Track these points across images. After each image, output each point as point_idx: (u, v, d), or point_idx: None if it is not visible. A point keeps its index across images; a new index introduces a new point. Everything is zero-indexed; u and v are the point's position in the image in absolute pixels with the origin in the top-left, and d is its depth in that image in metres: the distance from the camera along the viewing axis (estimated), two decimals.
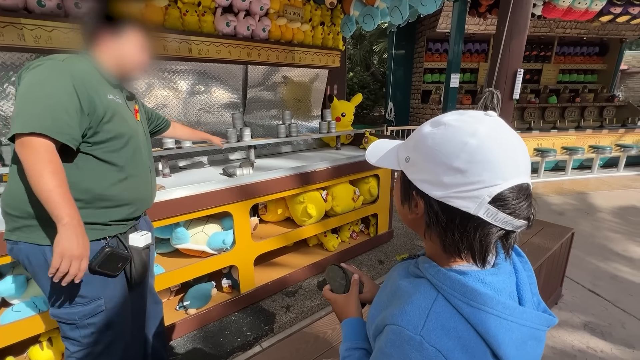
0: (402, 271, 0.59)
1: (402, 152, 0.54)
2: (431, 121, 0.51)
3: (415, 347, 0.44)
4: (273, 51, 2.74)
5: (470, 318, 0.45)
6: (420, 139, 0.50)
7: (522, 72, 2.17)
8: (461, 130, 0.46)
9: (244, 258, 2.09)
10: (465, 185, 0.44)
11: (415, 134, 0.53)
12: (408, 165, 0.52)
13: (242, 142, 2.32)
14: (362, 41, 11.37)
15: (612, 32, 6.91)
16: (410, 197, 0.52)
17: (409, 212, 0.54)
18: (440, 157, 0.46)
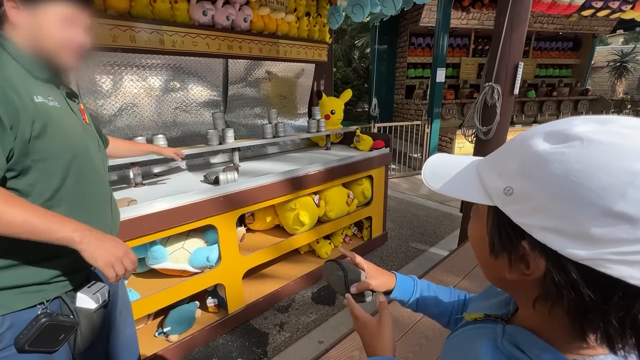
0: (487, 344, 0.40)
1: (495, 178, 0.37)
2: (544, 132, 0.33)
3: None
4: (256, 44, 2.51)
5: None
6: (535, 162, 0.32)
7: (522, 65, 2.07)
8: (622, 149, 0.28)
9: (231, 275, 1.88)
10: (636, 242, 0.27)
11: (515, 151, 0.35)
12: (510, 201, 0.34)
13: (225, 145, 2.09)
14: (343, 36, 11.19)
15: (586, 27, 7.10)
16: (516, 248, 0.34)
17: (509, 270, 0.36)
18: (586, 195, 0.28)
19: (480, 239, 0.40)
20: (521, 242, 0.33)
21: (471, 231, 0.43)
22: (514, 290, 0.40)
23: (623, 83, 14.17)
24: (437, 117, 5.11)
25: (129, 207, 1.41)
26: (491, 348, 0.40)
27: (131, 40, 1.92)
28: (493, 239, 0.38)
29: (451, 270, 1.58)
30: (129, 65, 2.07)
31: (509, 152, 0.37)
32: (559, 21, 6.76)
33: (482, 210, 0.40)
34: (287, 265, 2.47)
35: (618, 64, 13.97)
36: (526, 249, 0.33)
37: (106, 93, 2.00)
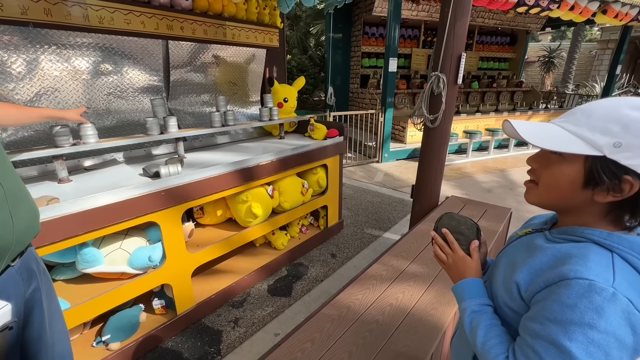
0: (541, 240, 0.61)
1: (599, 137, 0.52)
2: (629, 105, 0.51)
3: (607, 298, 0.48)
4: (200, 25, 2.33)
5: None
6: (634, 124, 0.50)
7: (464, 56, 2.17)
8: None
9: (178, 274, 1.76)
10: None
11: (610, 118, 0.52)
12: (619, 151, 0.50)
13: (167, 134, 1.93)
14: (298, 22, 10.95)
15: (520, 24, 7.71)
16: (617, 180, 0.51)
17: (601, 195, 0.53)
18: None
19: (570, 178, 0.55)
20: (624, 175, 0.50)
21: (554, 175, 0.58)
22: (581, 209, 0.57)
23: (551, 76, 15.78)
24: (390, 107, 5.25)
25: (48, 207, 1.23)
26: (544, 241, 0.61)
27: (46, 14, 1.66)
28: (595, 176, 0.52)
29: (401, 254, 1.63)
30: (45, 44, 1.80)
31: (604, 118, 0.52)
32: (498, 17, 7.25)
33: (572, 158, 0.55)
34: (242, 259, 2.39)
35: (547, 59, 15.48)
36: (629, 180, 0.50)
37: (17, 75, 1.73)
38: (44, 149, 1.52)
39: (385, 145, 5.37)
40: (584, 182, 0.54)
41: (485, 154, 6.05)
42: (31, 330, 0.94)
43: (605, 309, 0.47)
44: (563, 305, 0.50)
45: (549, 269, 0.54)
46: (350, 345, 1.08)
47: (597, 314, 0.47)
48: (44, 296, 0.98)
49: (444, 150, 2.37)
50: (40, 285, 0.96)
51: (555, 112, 7.12)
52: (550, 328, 0.51)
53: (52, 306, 1.03)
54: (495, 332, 0.63)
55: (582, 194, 0.55)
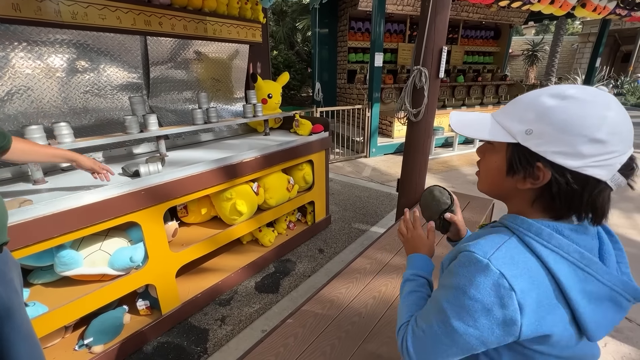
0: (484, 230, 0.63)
1: (516, 125, 0.54)
2: (548, 93, 0.52)
3: (480, 268, 0.51)
4: (179, 20, 2.28)
5: (543, 257, 0.51)
6: (547, 112, 0.51)
7: (446, 49, 2.18)
8: (597, 104, 0.48)
9: (162, 274, 1.74)
10: (603, 155, 0.48)
11: (528, 106, 0.53)
12: (530, 138, 0.52)
13: (147, 133, 1.89)
14: (284, 18, 10.85)
15: (504, 18, 7.81)
16: (532, 168, 0.53)
17: (522, 183, 0.55)
18: (579, 130, 0.48)
19: (497, 166, 0.58)
20: (536, 163, 0.52)
21: (487, 164, 0.61)
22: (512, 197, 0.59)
23: (534, 70, 16.07)
24: (377, 101, 5.26)
25: (21, 209, 1.19)
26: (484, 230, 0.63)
27: (14, 9, 1.60)
28: (512, 163, 0.55)
29: (384, 247, 1.65)
30: (15, 40, 1.73)
31: (524, 107, 0.54)
32: (482, 11, 7.33)
33: (499, 147, 0.58)
34: (229, 257, 2.38)
35: (530, 52, 15.76)
36: (540, 167, 0.51)
37: None
38: None
39: (372, 140, 5.39)
40: (506, 170, 0.56)
41: (471, 147, 6.14)
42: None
43: (477, 278, 0.50)
44: (450, 272, 0.56)
45: None
46: (332, 339, 1.09)
47: (469, 281, 0.51)
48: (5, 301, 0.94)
49: (428, 143, 2.39)
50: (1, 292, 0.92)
51: None
52: (439, 291, 0.58)
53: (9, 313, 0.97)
54: (413, 298, 0.70)
55: (508, 181, 0.57)
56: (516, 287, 0.48)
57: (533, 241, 0.52)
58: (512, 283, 0.48)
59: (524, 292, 0.48)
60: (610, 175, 0.49)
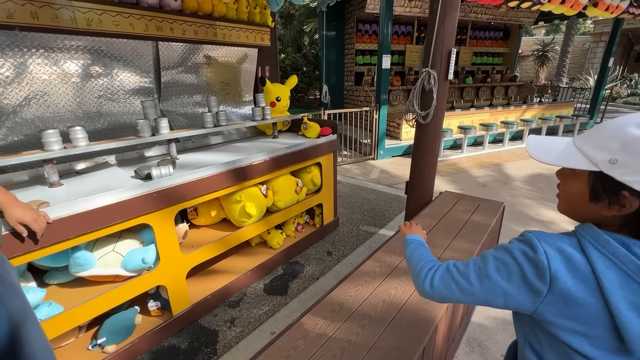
0: None
1: (599, 153, 0.55)
2: (635, 123, 0.52)
3: (531, 243, 0.58)
4: (189, 25, 2.32)
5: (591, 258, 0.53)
6: (632, 142, 0.52)
7: (455, 51, 2.17)
8: None
9: (172, 275, 1.76)
10: None
11: (612, 135, 0.54)
12: (615, 167, 0.53)
13: (158, 136, 1.92)
14: (291, 21, 10.92)
15: (513, 18, 7.73)
16: (617, 196, 0.54)
17: (605, 209, 0.56)
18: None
19: (579, 192, 0.59)
20: (621, 191, 0.53)
21: (568, 189, 0.63)
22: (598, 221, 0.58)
23: (545, 70, 15.83)
24: (385, 104, 5.25)
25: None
26: None
27: (32, 17, 1.65)
28: (596, 190, 0.56)
29: (394, 250, 1.64)
30: (33, 47, 1.78)
31: (608, 135, 0.55)
32: (490, 12, 7.27)
33: (581, 174, 0.59)
34: (238, 259, 2.39)
35: (541, 53, 15.53)
36: (626, 196, 0.52)
37: (5, 80, 1.72)
38: (34, 153, 1.52)
39: (380, 143, 5.38)
40: (589, 196, 0.58)
41: (480, 149, 6.08)
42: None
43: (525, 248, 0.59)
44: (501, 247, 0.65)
45: None
46: (342, 342, 1.09)
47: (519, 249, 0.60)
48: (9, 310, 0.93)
49: (437, 145, 2.38)
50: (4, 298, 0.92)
51: (548, 105, 7.15)
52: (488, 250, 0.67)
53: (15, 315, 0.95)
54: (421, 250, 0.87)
55: (591, 207, 0.58)
56: (552, 267, 0.55)
57: (587, 243, 0.55)
58: (550, 263, 0.55)
59: (558, 273, 0.54)
60: None
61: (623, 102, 12.79)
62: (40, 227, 1.20)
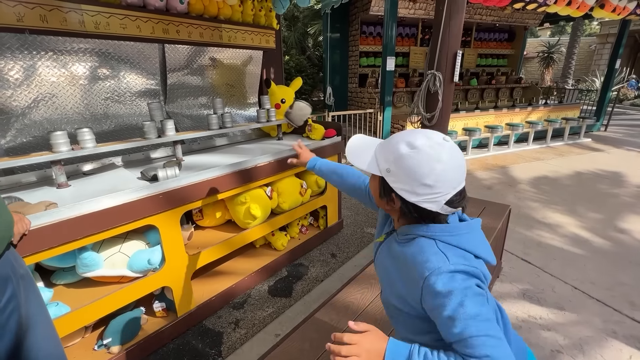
0: (394, 243, 0.77)
1: (383, 162, 0.71)
2: (405, 141, 0.68)
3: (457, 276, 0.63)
4: (195, 28, 2.34)
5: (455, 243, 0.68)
6: (400, 158, 0.67)
7: (460, 53, 2.17)
8: (431, 157, 0.65)
9: (178, 276, 1.77)
10: (431, 194, 0.66)
11: (392, 149, 0.69)
12: (389, 175, 0.69)
13: (164, 138, 1.94)
14: (295, 23, 10.96)
15: (518, 20, 7.69)
16: (390, 196, 0.71)
17: (386, 204, 0.74)
18: (416, 176, 0.66)
19: (375, 189, 0.76)
20: (392, 193, 0.70)
21: (372, 185, 0.79)
22: (388, 210, 0.76)
23: (550, 72, 15.72)
24: (389, 105, 5.25)
25: (47, 212, 1.24)
26: (397, 245, 0.75)
27: (42, 20, 1.67)
28: (381, 190, 0.73)
29: None
30: (42, 50, 1.81)
31: (390, 149, 0.70)
32: (495, 13, 7.24)
33: (377, 176, 0.74)
34: (242, 260, 2.40)
35: (546, 54, 15.43)
36: (393, 197, 0.70)
37: (15, 82, 1.74)
38: (42, 154, 1.53)
39: None
40: (379, 193, 0.74)
41: (485, 151, 6.04)
42: (9, 339, 0.92)
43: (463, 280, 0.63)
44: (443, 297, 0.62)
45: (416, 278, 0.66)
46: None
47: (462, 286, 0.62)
48: (22, 302, 0.96)
49: None
50: (16, 292, 0.94)
51: (554, 107, 7.09)
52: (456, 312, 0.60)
53: (33, 312, 1.01)
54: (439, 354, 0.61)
55: (381, 202, 0.75)
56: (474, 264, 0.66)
57: (447, 236, 0.68)
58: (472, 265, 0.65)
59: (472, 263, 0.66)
60: (438, 208, 0.66)
61: (630, 104, 12.66)
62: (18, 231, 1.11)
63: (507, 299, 2.10)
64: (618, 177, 4.52)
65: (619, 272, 2.37)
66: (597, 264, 2.48)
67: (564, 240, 2.84)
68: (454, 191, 0.66)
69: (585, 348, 1.71)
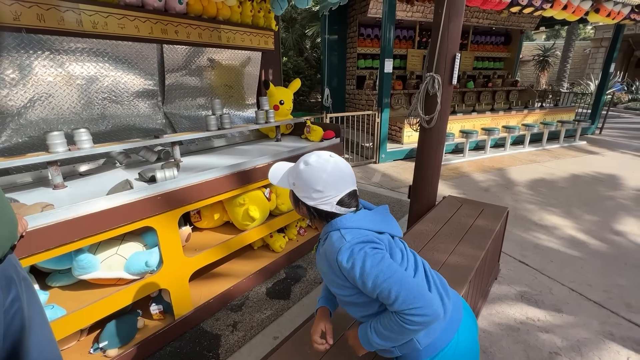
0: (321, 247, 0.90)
1: (291, 178, 0.89)
2: (303, 161, 0.86)
3: (352, 247, 0.79)
4: (194, 28, 2.33)
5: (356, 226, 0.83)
6: (299, 173, 0.85)
7: (459, 56, 2.17)
8: (319, 169, 0.83)
9: (175, 278, 1.75)
10: (323, 198, 0.84)
11: (295, 168, 0.88)
12: (294, 187, 0.88)
13: (162, 139, 1.92)
14: (293, 24, 10.98)
15: (514, 23, 7.76)
16: (299, 204, 0.89)
17: (299, 211, 0.91)
18: (309, 184, 0.83)
19: (292, 200, 0.93)
20: (300, 202, 0.88)
21: (289, 198, 0.94)
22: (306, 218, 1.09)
23: (545, 75, 15.87)
24: (387, 107, 5.26)
25: (43, 214, 1.22)
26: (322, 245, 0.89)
27: (39, 19, 1.66)
28: (293, 200, 0.91)
29: None
30: (39, 49, 1.79)
31: (294, 168, 0.89)
32: (492, 17, 7.30)
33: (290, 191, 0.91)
34: (240, 262, 2.38)
35: (541, 58, 15.57)
36: (300, 204, 0.88)
37: (11, 82, 1.72)
38: (38, 155, 1.51)
39: (382, 146, 5.38)
40: (293, 203, 0.93)
41: (482, 153, 6.07)
42: (11, 339, 0.92)
43: (356, 252, 0.77)
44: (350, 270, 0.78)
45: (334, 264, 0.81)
46: (349, 347, 1.08)
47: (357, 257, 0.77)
48: (25, 304, 0.96)
49: (441, 150, 2.37)
50: (20, 293, 0.94)
51: (550, 110, 7.15)
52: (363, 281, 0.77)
53: (34, 314, 1.01)
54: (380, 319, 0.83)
55: (297, 209, 0.92)
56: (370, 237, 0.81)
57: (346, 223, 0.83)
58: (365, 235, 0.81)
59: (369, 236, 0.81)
60: (332, 208, 0.84)
61: (624, 108, 12.81)
62: None
63: (505, 301, 2.11)
64: (613, 180, 4.56)
65: (615, 274, 2.39)
66: (594, 265, 2.50)
67: (560, 242, 2.86)
68: (342, 194, 0.84)
69: (583, 350, 1.72)
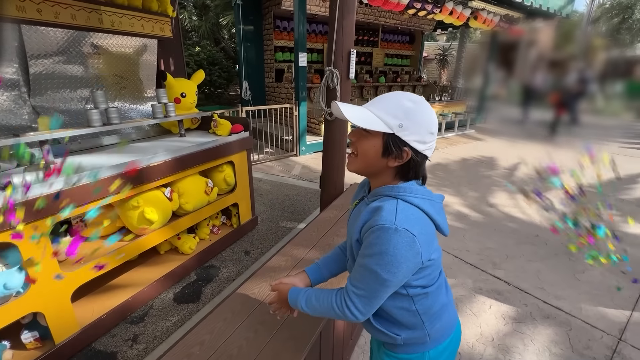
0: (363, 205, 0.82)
1: (392, 120, 0.72)
2: (407, 98, 0.73)
3: (392, 231, 0.68)
4: (64, 8, 2.01)
5: (419, 205, 0.74)
6: (409, 112, 0.72)
7: (354, 52, 2.32)
8: (428, 107, 0.74)
9: (51, 299, 1.52)
10: (432, 142, 0.75)
11: (397, 107, 0.72)
12: (402, 130, 0.72)
13: (24, 137, 1.62)
14: (207, 12, 10.30)
15: (416, 25, 8.60)
16: (400, 151, 0.74)
17: (392, 161, 0.75)
18: (424, 125, 0.73)
19: (374, 149, 0.75)
20: (404, 147, 0.73)
21: (364, 147, 0.76)
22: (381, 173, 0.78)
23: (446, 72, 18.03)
24: (304, 101, 5.35)
25: None
26: (365, 205, 0.81)
27: None
28: (388, 147, 0.74)
29: (301, 243, 1.69)
30: None
31: (394, 106, 0.73)
32: (397, 17, 7.96)
33: (375, 134, 0.74)
34: (143, 270, 2.19)
35: (442, 57, 17.62)
36: (407, 151, 0.74)
37: None
38: None
39: (302, 139, 5.47)
40: (382, 152, 0.74)
41: None
42: None
43: (392, 239, 0.68)
44: (369, 244, 0.72)
45: (368, 220, 0.75)
46: (240, 340, 1.08)
47: (387, 243, 0.68)
48: None
49: (344, 141, 2.52)
50: None
51: (447, 103, 8.18)
52: (364, 259, 0.73)
53: None
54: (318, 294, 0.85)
55: (381, 160, 0.76)
56: (415, 233, 0.69)
57: (411, 197, 0.74)
58: (413, 232, 0.69)
59: (420, 234, 0.70)
60: (431, 152, 0.76)
61: None
62: None
63: None
64: (492, 162, 5.46)
65: (486, 239, 2.88)
66: (473, 234, 2.97)
67: (450, 217, 3.32)
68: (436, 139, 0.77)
69: (459, 305, 2.04)
